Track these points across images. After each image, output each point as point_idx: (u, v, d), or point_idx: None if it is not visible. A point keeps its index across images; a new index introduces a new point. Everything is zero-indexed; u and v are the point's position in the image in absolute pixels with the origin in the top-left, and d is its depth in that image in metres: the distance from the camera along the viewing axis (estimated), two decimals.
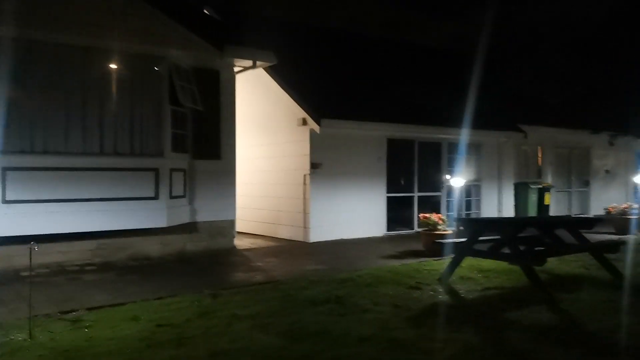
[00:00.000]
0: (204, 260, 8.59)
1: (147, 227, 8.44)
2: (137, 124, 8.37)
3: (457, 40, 17.72)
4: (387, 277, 7.00)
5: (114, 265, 8.12)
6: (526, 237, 7.15)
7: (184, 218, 9.19)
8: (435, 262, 8.12)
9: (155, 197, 8.48)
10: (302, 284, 6.53)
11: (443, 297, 6.07)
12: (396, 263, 8.17)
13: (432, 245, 8.75)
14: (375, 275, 7.13)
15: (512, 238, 6.12)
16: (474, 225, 6.37)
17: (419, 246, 9.53)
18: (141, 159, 8.39)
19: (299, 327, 4.89)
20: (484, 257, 6.80)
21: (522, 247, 6.64)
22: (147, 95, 8.44)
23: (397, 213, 12.13)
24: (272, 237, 11.51)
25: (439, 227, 9.01)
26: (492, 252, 6.55)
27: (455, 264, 6.68)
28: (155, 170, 8.49)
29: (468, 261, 7.33)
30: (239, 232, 12.15)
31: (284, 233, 11.30)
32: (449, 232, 9.04)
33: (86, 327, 4.90)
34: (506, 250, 6.54)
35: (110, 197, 8.15)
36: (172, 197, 8.76)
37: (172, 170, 8.76)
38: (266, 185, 11.89)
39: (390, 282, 6.73)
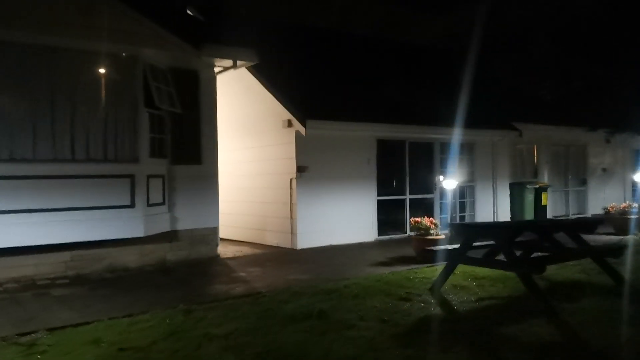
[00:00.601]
0: (184, 271, 8.14)
1: (123, 237, 7.99)
2: (111, 128, 7.92)
3: (448, 37, 17.33)
4: (375, 287, 6.56)
5: (88, 278, 7.66)
6: (523, 242, 6.73)
7: (164, 226, 8.74)
8: (427, 269, 7.69)
9: (132, 206, 8.02)
10: (284, 297, 6.09)
11: (434, 309, 5.64)
12: (386, 271, 7.73)
13: (424, 251, 8.31)
14: (363, 285, 6.69)
15: (508, 244, 5.69)
16: (466, 231, 5.94)
17: (410, 252, 9.11)
18: (115, 165, 7.94)
19: (276, 347, 4.45)
20: (478, 265, 6.38)
21: (518, 253, 6.23)
22: (120, 98, 7.99)
23: (389, 217, 11.71)
24: (259, 243, 11.06)
25: (431, 231, 8.58)
26: (487, 260, 6.12)
27: (447, 272, 6.25)
28: (131, 177, 8.03)
29: (462, 267, 6.91)
30: (224, 239, 11.73)
31: (271, 239, 10.86)
32: (442, 237, 8.62)
33: (40, 354, 4.44)
34: (502, 257, 6.11)
35: (83, 207, 7.69)
36: (149, 205, 8.30)
37: (149, 176, 8.30)
38: (252, 190, 11.45)
39: (378, 292, 6.29)
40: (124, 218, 7.91)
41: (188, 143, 9.05)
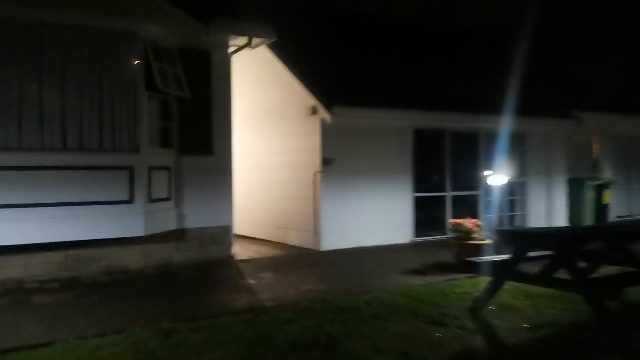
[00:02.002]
0: (189, 275, 7.20)
1: (120, 236, 7.10)
2: (107, 114, 7.02)
3: (495, 17, 15.78)
4: (402, 304, 5.41)
5: (81, 281, 6.82)
6: (588, 252, 5.42)
7: (169, 224, 7.82)
8: (468, 281, 6.46)
9: (130, 201, 7.12)
10: (288, 315, 5.01)
11: (475, 339, 4.44)
12: (418, 281, 6.55)
13: (465, 257, 7.10)
14: (388, 301, 5.54)
15: (571, 257, 4.43)
16: (518, 240, 4.70)
17: (450, 257, 7.87)
18: (112, 155, 7.05)
19: None
20: (532, 284, 5.12)
21: (583, 265, 4.96)
22: (117, 80, 7.08)
23: (426, 216, 10.46)
24: (281, 243, 10.04)
25: (474, 235, 7.33)
26: (544, 277, 4.86)
27: (493, 289, 5.03)
28: (130, 169, 7.13)
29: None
30: (245, 237, 10.82)
31: (293, 239, 9.81)
32: (487, 241, 7.35)
33: None
34: (562, 273, 4.83)
35: (75, 202, 6.83)
36: (152, 201, 7.39)
37: (151, 168, 7.39)
38: (273, 184, 10.42)
39: (405, 312, 5.14)
40: (121, 215, 7.03)
41: (198, 132, 8.10)
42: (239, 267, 7.81)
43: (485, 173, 10.82)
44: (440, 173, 10.63)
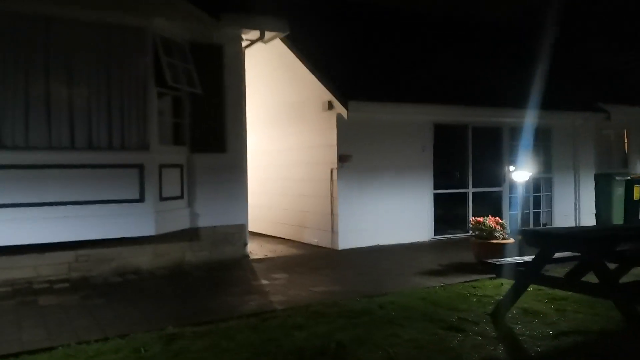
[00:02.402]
0: (200, 276, 7.02)
1: (130, 236, 6.96)
2: (116, 111, 6.87)
3: (520, 7, 15.21)
4: (419, 308, 5.13)
5: (91, 282, 6.70)
6: (619, 252, 5.05)
7: (182, 223, 7.66)
8: (490, 282, 6.15)
9: (140, 200, 6.97)
10: (298, 320, 4.78)
11: (496, 348, 4.14)
12: (437, 283, 6.26)
13: (486, 259, 6.76)
14: (404, 304, 5.27)
15: (601, 261, 4.09)
16: (543, 241, 4.38)
17: (471, 257, 7.55)
18: (122, 153, 6.90)
19: None
20: (558, 288, 4.79)
21: (612, 267, 4.61)
22: (126, 76, 6.93)
23: (447, 213, 10.14)
24: (298, 242, 9.82)
25: (496, 234, 6.99)
26: (571, 282, 4.52)
27: (516, 293, 4.71)
28: (140, 167, 6.98)
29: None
30: (261, 235, 10.67)
31: (310, 238, 9.58)
32: (510, 241, 7.00)
33: None
34: (587, 276, 4.50)
35: (84, 201, 6.70)
36: (163, 199, 7.23)
37: (162, 166, 7.23)
38: (289, 181, 10.19)
39: (422, 316, 4.85)
40: (131, 214, 6.88)
41: (210, 128, 7.91)
42: (253, 267, 7.61)
43: (509, 169, 10.45)
44: (461, 169, 10.29)
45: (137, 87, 6.98)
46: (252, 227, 11.47)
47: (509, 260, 4.96)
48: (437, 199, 9.87)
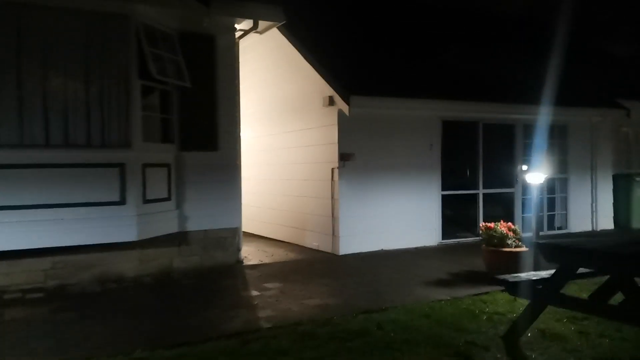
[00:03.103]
0: (187, 285, 6.50)
1: (109, 241, 6.43)
2: (96, 106, 6.34)
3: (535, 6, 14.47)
4: (422, 328, 4.55)
5: (68, 291, 6.20)
6: None
7: (170, 227, 7.13)
8: (502, 295, 5.54)
9: (121, 202, 6.44)
10: (284, 342, 4.22)
11: None
12: (443, 295, 5.68)
13: (498, 268, 6.18)
14: (405, 323, 4.69)
15: (632, 281, 3.48)
16: (565, 256, 3.77)
17: (481, 263, 6.94)
18: (101, 151, 6.37)
19: None
20: (581, 312, 4.19)
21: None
22: (107, 68, 6.39)
23: (456, 216, 9.55)
24: (298, 245, 9.26)
25: (509, 242, 6.38)
26: (596, 305, 3.91)
27: (532, 314, 4.12)
28: (121, 166, 6.44)
29: None
30: (262, 237, 10.15)
31: (311, 241, 9.02)
32: (524, 249, 6.39)
33: None
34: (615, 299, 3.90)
35: (60, 203, 6.17)
36: (147, 201, 6.70)
37: (146, 165, 6.69)
38: (289, 181, 9.64)
39: (424, 339, 4.27)
40: (111, 218, 6.35)
41: (201, 125, 7.37)
42: (245, 274, 7.07)
43: (522, 169, 9.82)
44: (471, 169, 9.68)
45: (118, 79, 6.44)
46: (250, 228, 11.02)
47: (524, 276, 4.35)
48: (445, 200, 9.27)
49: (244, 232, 11.09)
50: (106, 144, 6.40)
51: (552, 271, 4.10)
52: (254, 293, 6.03)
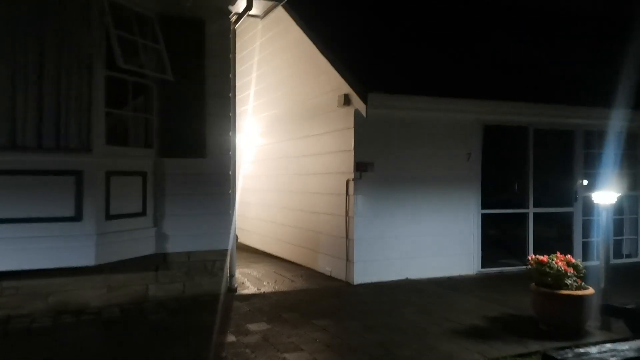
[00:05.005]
0: (155, 321, 5.26)
1: (59, 266, 5.27)
2: (50, 101, 5.21)
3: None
4: None
5: (11, 326, 5.07)
6: None
7: (144, 248, 5.92)
8: None
9: (76, 218, 5.26)
10: None
11: None
12: (476, 355, 4.18)
13: (553, 316, 4.64)
14: None
15: None
16: None
17: (530, 305, 5.36)
18: (54, 155, 5.22)
19: None
20: None
21: None
22: (64, 56, 5.26)
23: (500, 239, 7.98)
24: (311, 269, 7.91)
25: (567, 281, 4.81)
26: None
27: None
28: (77, 174, 5.28)
29: None
30: (273, 257, 8.93)
31: (324, 266, 7.65)
32: (588, 292, 4.80)
33: None
34: None
35: (4, 219, 5.06)
36: (111, 217, 5.50)
37: (111, 173, 5.50)
38: (302, 194, 8.32)
39: None
40: (61, 237, 5.18)
41: (186, 127, 6.17)
42: (232, 308, 5.76)
43: (583, 183, 8.16)
44: (519, 183, 8.08)
45: (78, 70, 5.30)
46: (262, 245, 9.80)
47: (594, 352, 2.84)
48: (487, 220, 7.71)
49: (255, 249, 9.97)
50: (61, 147, 5.25)
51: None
52: (229, 339, 4.70)
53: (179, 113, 6.13)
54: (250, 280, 7.18)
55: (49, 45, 5.18)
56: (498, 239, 7.96)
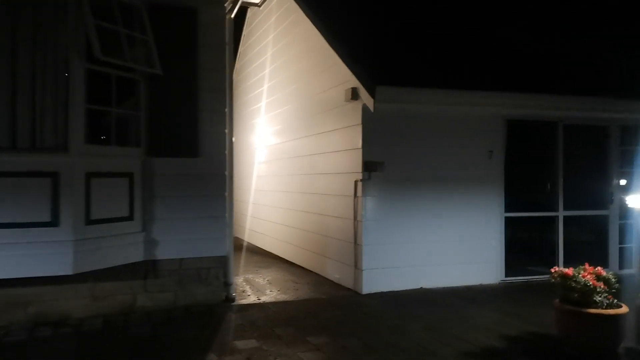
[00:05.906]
0: (137, 335, 4.82)
1: (35, 275, 4.89)
2: (23, 96, 4.84)
3: None
4: None
5: None
6: None
7: (131, 255, 5.50)
8: None
9: (53, 223, 4.87)
10: None
11: None
12: None
13: (580, 337, 4.00)
14: None
15: None
16: None
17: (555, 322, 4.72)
18: (28, 156, 4.85)
19: None
20: None
21: None
22: (39, 47, 4.89)
23: (526, 245, 7.30)
24: (320, 276, 7.41)
25: (597, 298, 4.15)
26: None
27: None
28: (53, 176, 4.89)
29: None
30: (283, 260, 8.49)
31: (333, 272, 7.13)
32: (622, 310, 4.13)
33: None
34: None
35: None
36: (92, 222, 5.09)
37: (91, 175, 5.09)
38: (311, 196, 7.83)
39: None
40: (36, 244, 4.80)
41: (177, 124, 5.73)
42: (224, 321, 5.29)
43: (619, 184, 7.39)
44: (548, 184, 7.37)
45: (54, 63, 4.92)
46: (274, 249, 9.38)
47: None
48: (511, 224, 7.04)
49: (267, 252, 9.52)
50: (37, 147, 4.88)
51: None
52: (211, 358, 4.22)
53: (169, 109, 5.69)
54: (252, 287, 6.72)
55: (21, 36, 4.81)
56: (524, 245, 7.28)
